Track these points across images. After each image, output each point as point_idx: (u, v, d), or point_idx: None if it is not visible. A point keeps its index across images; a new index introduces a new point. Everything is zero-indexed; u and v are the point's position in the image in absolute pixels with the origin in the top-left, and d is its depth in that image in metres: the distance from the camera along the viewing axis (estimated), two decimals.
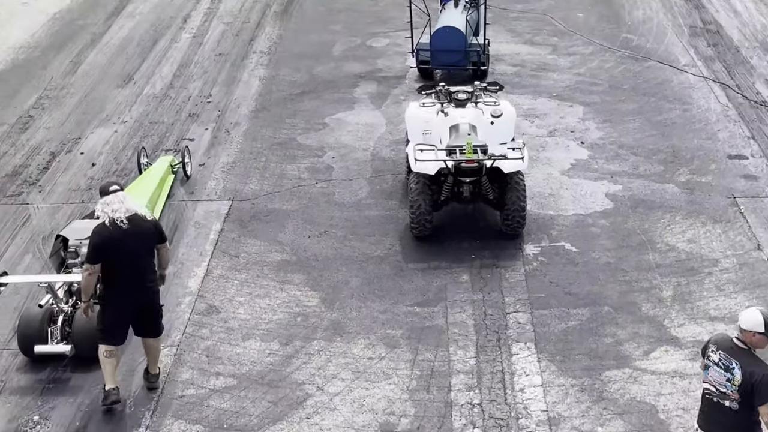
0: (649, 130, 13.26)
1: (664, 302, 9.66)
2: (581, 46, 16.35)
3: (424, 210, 10.49)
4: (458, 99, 11.16)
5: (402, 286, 10.08)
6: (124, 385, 8.65)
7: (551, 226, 11.05)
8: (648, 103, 14.08)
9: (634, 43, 16.35)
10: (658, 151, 12.68)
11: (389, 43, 16.73)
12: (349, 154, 12.86)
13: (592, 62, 15.65)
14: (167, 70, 15.92)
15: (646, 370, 8.71)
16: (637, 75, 15.08)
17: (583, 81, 14.94)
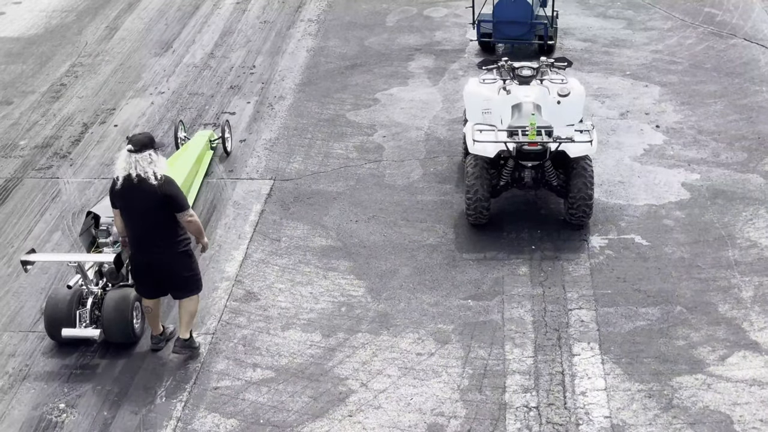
0: (732, 115, 13.05)
1: (744, 303, 9.53)
2: (659, 20, 16.13)
3: (482, 196, 10.46)
4: (522, 76, 11.09)
5: (455, 277, 10.07)
6: (156, 375, 8.79)
7: (620, 216, 10.94)
8: (732, 85, 13.86)
9: (718, 18, 16.09)
10: (741, 138, 12.48)
11: (448, 13, 16.67)
12: (402, 134, 12.87)
13: (670, 38, 15.44)
14: (208, 38, 16.06)
15: (721, 377, 8.61)
16: (720, 53, 14.84)
17: (661, 59, 14.75)
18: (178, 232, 8.69)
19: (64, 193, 11.78)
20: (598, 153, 11.52)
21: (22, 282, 10.11)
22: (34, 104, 14.03)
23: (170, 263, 8.71)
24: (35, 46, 16.01)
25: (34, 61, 15.49)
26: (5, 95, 14.36)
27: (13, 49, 15.94)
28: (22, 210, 11.45)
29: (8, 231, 11.05)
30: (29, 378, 8.84)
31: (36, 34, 16.50)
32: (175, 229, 8.65)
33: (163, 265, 8.71)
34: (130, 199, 8.53)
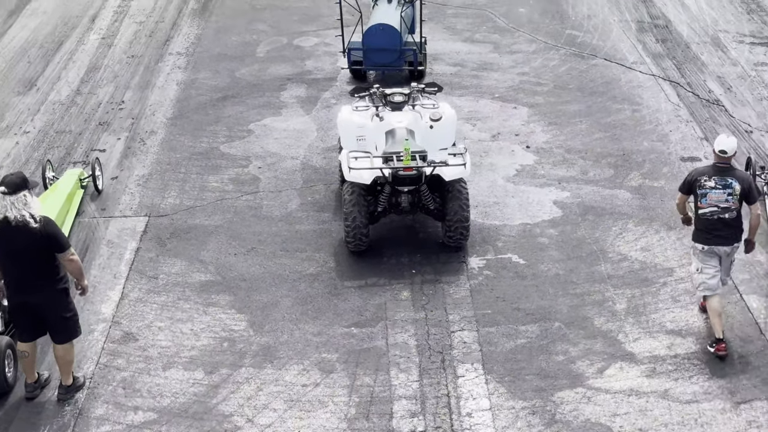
0: (597, 133, 13.47)
1: (618, 315, 9.80)
2: (524, 43, 16.56)
3: (360, 223, 10.49)
4: (394, 102, 11.20)
5: (337, 305, 10.05)
6: (32, 425, 8.46)
7: (497, 237, 11.13)
8: (596, 104, 14.31)
9: (579, 39, 16.61)
10: (607, 155, 12.88)
11: (318, 42, 16.72)
12: (277, 164, 12.81)
13: (535, 61, 15.86)
14: (74, 74, 15.68)
15: (600, 389, 8.81)
16: (583, 74, 15.32)
17: (527, 81, 15.13)
18: (57, 272, 8.50)
19: None
20: (472, 175, 11.69)
21: None
22: None
23: (50, 303, 8.49)
24: None
25: None
26: None
27: None
28: None
29: None
30: None
31: None
32: (54, 269, 8.47)
33: (43, 305, 8.47)
34: (9, 242, 8.29)
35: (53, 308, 8.55)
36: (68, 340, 8.68)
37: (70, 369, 8.75)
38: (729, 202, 9.04)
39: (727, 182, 9.03)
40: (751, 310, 9.80)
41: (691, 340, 9.41)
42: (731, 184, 9.02)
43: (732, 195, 9.03)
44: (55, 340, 8.69)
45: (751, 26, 16.92)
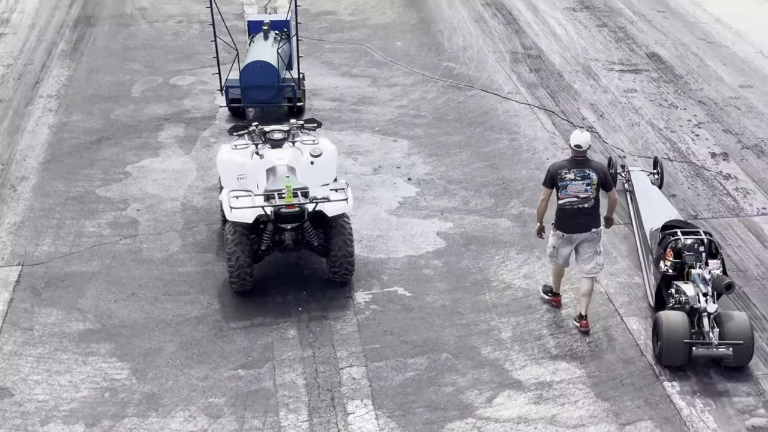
0: (477, 163, 13.67)
1: (504, 344, 9.91)
2: (402, 76, 16.73)
3: (244, 262, 10.36)
4: (274, 139, 11.13)
5: (223, 348, 9.87)
6: None
7: (382, 270, 11.14)
8: (474, 134, 14.54)
9: (456, 71, 16.88)
10: (488, 184, 13.08)
11: (195, 80, 16.55)
12: (157, 205, 12.57)
13: (414, 93, 16.03)
14: None
15: (490, 419, 8.88)
16: (461, 105, 15.56)
17: (407, 113, 15.28)
18: None
19: None
20: (355, 209, 11.72)
21: None
22: None
23: None
24: None
25: None
26: None
27: None
28: None
29: None
30: None
31: None
32: None
33: None
34: None
35: None
36: None
37: None
38: (588, 192, 9.79)
39: (585, 173, 9.78)
40: (632, 332, 10.04)
41: (575, 364, 9.58)
42: (589, 175, 9.78)
43: (590, 185, 9.78)
44: None
45: (619, 54, 17.50)
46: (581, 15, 19.44)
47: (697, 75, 16.54)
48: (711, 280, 9.59)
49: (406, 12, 19.88)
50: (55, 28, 18.97)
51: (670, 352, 9.37)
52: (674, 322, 9.38)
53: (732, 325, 9.40)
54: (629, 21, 19.12)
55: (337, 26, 19.15)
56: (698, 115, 15.01)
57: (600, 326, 10.15)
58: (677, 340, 9.31)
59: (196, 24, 19.16)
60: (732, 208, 12.40)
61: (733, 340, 9.30)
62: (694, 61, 17.13)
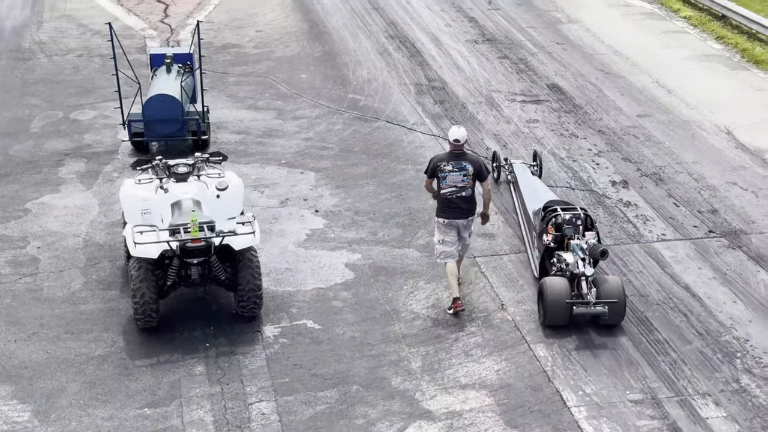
0: (384, 194, 13.77)
1: (414, 374, 9.96)
2: (307, 108, 16.78)
3: (149, 298, 10.21)
4: (178, 173, 11.05)
5: (129, 386, 9.70)
6: None
7: (291, 303, 11.11)
8: (381, 165, 14.65)
9: (361, 103, 17.02)
10: (395, 215, 13.18)
11: (96, 115, 16.31)
12: (58, 242, 12.31)
13: (320, 125, 16.09)
14: None
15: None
16: (367, 136, 15.67)
17: (313, 146, 15.31)
18: None
19: None
20: (262, 242, 11.67)
21: None
22: None
23: None
24: None
25: None
26: None
27: None
28: None
29: None
30: None
31: None
32: None
33: None
34: None
35: None
36: None
37: None
38: (465, 182, 10.86)
39: (462, 165, 10.85)
40: (539, 359, 10.20)
41: (485, 392, 9.68)
42: (465, 167, 10.85)
43: (466, 176, 10.85)
44: None
45: (521, 85, 17.88)
46: (483, 47, 19.82)
47: (597, 105, 17.00)
48: (588, 249, 10.82)
49: (310, 45, 19.98)
50: None
51: (554, 312, 10.54)
52: (557, 285, 10.59)
53: (607, 286, 10.64)
54: (530, 53, 19.57)
55: (241, 59, 19.13)
56: (598, 144, 15.41)
57: (507, 353, 10.28)
58: (560, 301, 10.50)
59: (96, 57, 18.92)
60: (632, 234, 12.73)
61: (608, 299, 10.52)
62: (593, 92, 17.60)
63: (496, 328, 10.72)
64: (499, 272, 11.81)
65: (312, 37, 20.42)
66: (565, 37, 20.57)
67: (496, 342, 10.43)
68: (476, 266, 11.90)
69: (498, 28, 20.98)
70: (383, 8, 22.19)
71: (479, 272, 11.78)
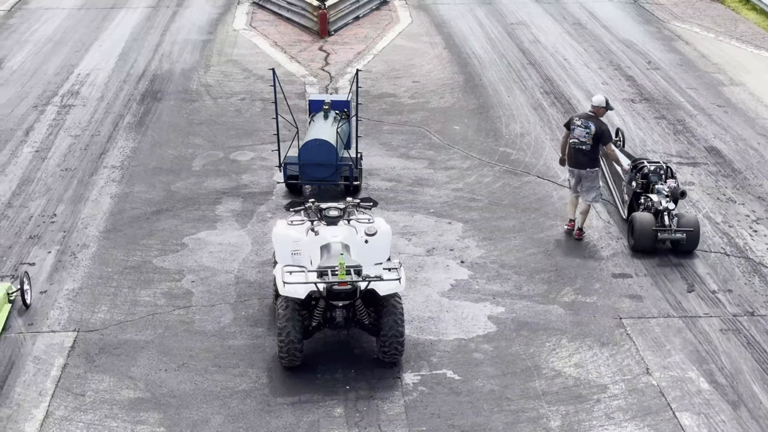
0: (531, 248, 13.70)
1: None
2: (458, 159, 16.91)
3: (294, 338, 10.45)
4: (329, 216, 11.31)
5: (270, 423, 9.91)
6: None
7: (432, 352, 11.15)
8: (529, 220, 14.59)
9: (512, 157, 17.02)
10: (541, 270, 13.09)
11: (254, 156, 16.89)
12: (211, 278, 12.77)
13: (470, 177, 16.18)
14: (5, 187, 15.57)
15: None
16: (516, 190, 15.66)
17: (462, 197, 15.40)
18: None
19: None
20: (407, 290, 11.79)
21: None
22: None
23: None
24: None
25: None
26: None
27: None
28: None
29: None
30: None
31: None
32: None
33: None
34: None
35: None
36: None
37: None
38: (585, 138, 13.52)
39: (587, 125, 13.55)
40: (684, 428, 9.89)
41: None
42: (590, 126, 13.52)
43: (588, 134, 13.49)
44: None
45: (677, 146, 17.52)
46: (640, 107, 19.55)
47: (757, 170, 16.48)
48: (670, 191, 13.61)
49: (465, 97, 20.16)
50: (123, 102, 19.56)
51: (641, 238, 13.21)
52: (644, 217, 13.36)
53: (685, 219, 13.36)
54: (688, 114, 19.17)
55: (396, 108, 19.47)
56: (757, 211, 14.92)
57: (650, 420, 10.02)
58: (647, 228, 13.21)
59: (258, 101, 19.62)
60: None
61: (686, 228, 13.17)
62: (754, 156, 17.08)
63: (639, 393, 10.47)
64: (646, 335, 11.55)
65: (467, 90, 20.61)
66: (727, 100, 20.06)
67: (639, 407, 10.18)
68: (622, 327, 11.68)
69: (656, 87, 20.66)
70: (540, 64, 22.20)
71: (625, 334, 11.55)
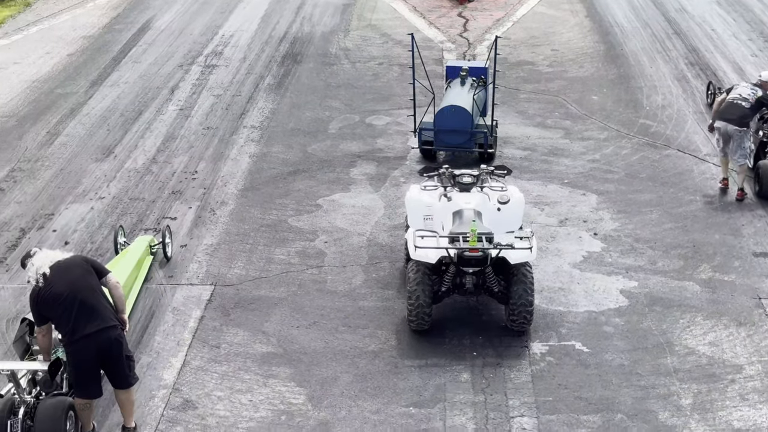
0: (667, 223, 13.38)
1: (683, 411, 9.61)
2: (596, 130, 16.60)
3: (423, 302, 10.51)
4: (463, 183, 11.29)
5: (397, 384, 10.04)
6: None
7: (561, 323, 11.06)
8: (667, 194, 14.24)
9: (652, 129, 16.61)
10: (677, 246, 12.77)
11: (390, 121, 16.99)
12: (344, 239, 12.95)
13: (607, 148, 15.88)
14: (151, 143, 16.14)
15: None
16: (655, 163, 15.28)
17: (598, 168, 15.14)
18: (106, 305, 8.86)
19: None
20: (538, 259, 11.69)
21: None
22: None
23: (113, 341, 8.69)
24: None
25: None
26: None
27: None
28: None
29: None
30: None
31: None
32: (103, 302, 8.83)
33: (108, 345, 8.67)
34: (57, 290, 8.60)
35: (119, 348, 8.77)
36: (131, 383, 9.03)
37: (133, 410, 9.12)
38: (750, 96, 13.86)
39: (755, 89, 14.02)
40: None
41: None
42: (757, 91, 13.96)
43: (754, 94, 13.90)
44: (120, 385, 8.95)
45: None
46: None
47: None
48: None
49: (604, 67, 19.75)
50: (264, 63, 19.95)
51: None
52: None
53: None
54: None
55: (534, 77, 19.23)
56: None
57: None
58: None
59: (395, 66, 19.69)
60: None
61: None
62: None
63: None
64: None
65: (607, 59, 20.17)
66: None
67: None
68: (761, 308, 11.31)
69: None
70: (685, 34, 21.53)
71: (764, 314, 11.18)
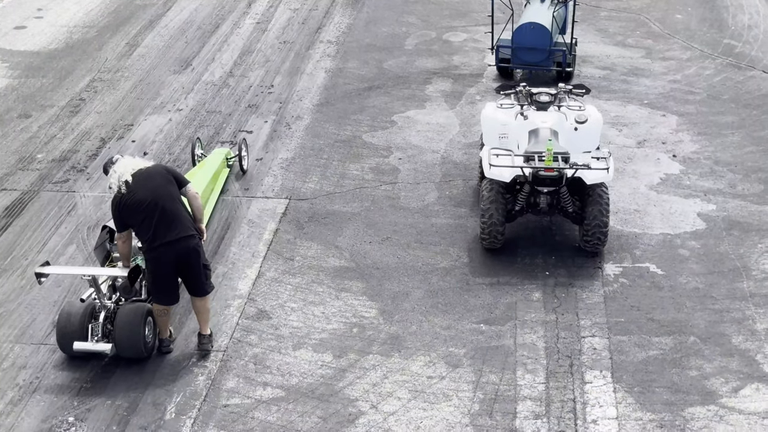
0: (749, 146, 13.03)
1: (758, 335, 9.47)
2: (678, 50, 16.15)
3: (496, 220, 10.46)
4: (540, 101, 11.11)
5: (468, 301, 10.06)
6: (166, 391, 8.80)
7: (635, 245, 10.92)
8: (750, 117, 13.84)
9: (737, 50, 16.09)
10: (758, 170, 12.44)
11: (467, 38, 16.73)
12: (418, 156, 12.89)
13: (689, 69, 15.45)
14: (227, 57, 16.16)
15: (734, 409, 8.55)
16: (738, 85, 14.83)
17: (679, 89, 14.75)
18: (185, 214, 8.95)
19: (80, 207, 11.84)
20: (614, 181, 11.51)
21: (35, 294, 10.14)
22: (53, 118, 14.13)
23: (191, 250, 8.80)
24: (55, 61, 16.14)
25: (53, 75, 15.61)
26: (24, 108, 14.47)
27: (33, 63, 16.07)
28: (38, 223, 11.50)
29: (23, 243, 11.11)
30: (39, 390, 8.85)
31: (57, 49, 16.63)
32: (182, 211, 8.92)
33: (186, 254, 8.79)
34: (139, 198, 8.67)
35: (197, 257, 8.89)
36: (208, 292, 9.16)
37: (209, 318, 9.25)
38: None
39: None
40: None
41: None
42: None
43: None
44: (198, 293, 9.08)
45: None
46: None
47: None
48: None
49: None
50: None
51: None
52: None
53: None
54: None
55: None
56: None
57: None
58: None
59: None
60: None
61: None
62: None
63: None
64: None
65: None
66: None
67: None
68: None
69: None
70: None
71: None
